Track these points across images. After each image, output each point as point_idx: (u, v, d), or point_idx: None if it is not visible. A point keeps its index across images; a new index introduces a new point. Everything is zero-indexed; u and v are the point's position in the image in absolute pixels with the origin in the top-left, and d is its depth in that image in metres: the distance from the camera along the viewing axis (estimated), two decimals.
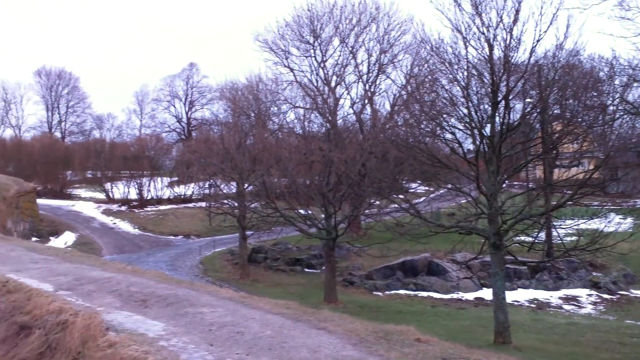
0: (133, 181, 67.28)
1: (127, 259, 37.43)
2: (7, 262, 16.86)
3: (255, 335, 9.09)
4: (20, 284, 12.90)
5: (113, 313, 10.52)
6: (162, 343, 8.70)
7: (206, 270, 38.05)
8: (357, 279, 34.33)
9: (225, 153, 37.00)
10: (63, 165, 74.80)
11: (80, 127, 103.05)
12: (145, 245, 48.38)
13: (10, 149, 76.82)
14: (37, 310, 10.73)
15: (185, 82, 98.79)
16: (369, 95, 49.43)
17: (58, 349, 9.10)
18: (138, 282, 13.41)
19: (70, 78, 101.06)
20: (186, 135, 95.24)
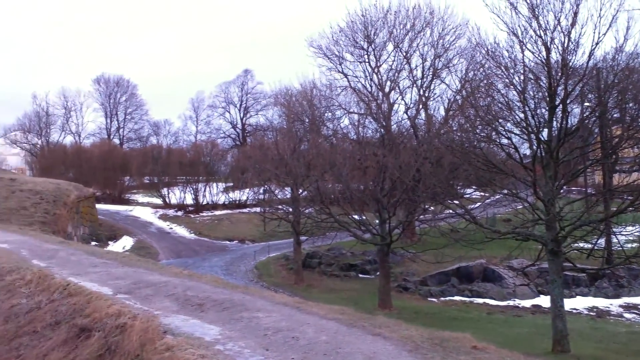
0: (189, 186, 68.21)
1: (183, 263, 37.89)
2: (68, 265, 17.22)
3: (311, 341, 9.10)
4: (80, 287, 13.15)
5: (170, 317, 10.65)
6: (219, 347, 8.77)
7: (261, 275, 38.28)
8: (411, 285, 34.12)
9: (279, 159, 37.21)
10: (121, 171, 76.24)
11: (138, 134, 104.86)
12: (200, 250, 48.93)
13: (70, 156, 78.59)
14: (97, 313, 10.91)
15: (240, 89, 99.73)
16: (424, 100, 49.13)
17: (117, 351, 9.24)
18: (194, 287, 13.55)
19: (129, 85, 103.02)
20: (241, 141, 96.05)
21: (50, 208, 36.74)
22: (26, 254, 19.44)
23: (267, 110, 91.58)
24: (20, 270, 15.70)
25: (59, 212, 36.79)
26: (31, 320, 11.99)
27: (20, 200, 36.56)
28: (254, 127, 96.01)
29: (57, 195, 39.44)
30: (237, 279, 34.21)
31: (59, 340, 10.45)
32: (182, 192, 68.23)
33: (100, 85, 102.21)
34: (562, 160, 20.48)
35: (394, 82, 49.61)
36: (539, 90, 20.31)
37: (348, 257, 40.86)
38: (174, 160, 73.54)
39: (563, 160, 20.66)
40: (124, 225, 56.49)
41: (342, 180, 30.42)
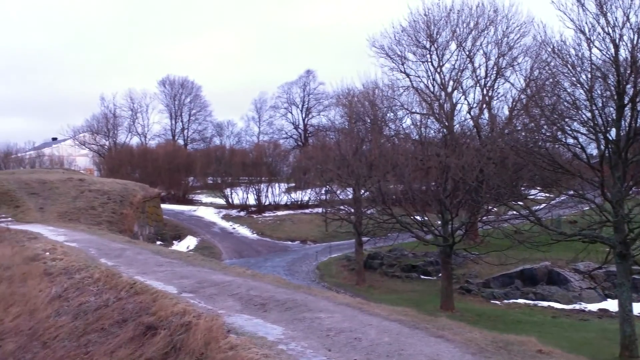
0: (251, 187, 68.80)
1: (245, 263, 38.27)
2: (134, 264, 17.58)
3: (373, 342, 9.09)
4: (146, 286, 13.41)
5: (233, 316, 10.78)
6: (281, 347, 8.84)
7: (322, 276, 38.37)
8: (474, 286, 33.69)
9: (341, 159, 37.25)
10: (185, 172, 77.39)
11: (202, 135, 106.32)
12: (263, 250, 49.31)
13: (136, 156, 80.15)
14: (162, 311, 11.11)
15: (302, 89, 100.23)
16: (487, 100, 48.46)
17: (182, 349, 9.38)
18: (257, 286, 13.67)
19: (193, 87, 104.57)
20: (303, 142, 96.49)
21: (117, 208, 37.55)
22: (94, 253, 19.92)
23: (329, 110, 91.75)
24: (89, 269, 16.10)
25: (125, 211, 37.58)
26: (99, 318, 12.27)
27: (88, 200, 37.47)
28: (315, 127, 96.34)
29: (124, 195, 40.29)
30: (299, 280, 34.38)
31: (125, 338, 10.66)
32: (244, 192, 68.86)
33: (166, 87, 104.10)
34: (631, 160, 19.94)
35: (457, 81, 49.08)
36: (607, 88, 19.83)
37: (410, 258, 40.62)
38: (236, 161, 74.29)
39: (632, 161, 20.10)
40: (188, 225, 57.35)
41: (404, 180, 30.27)
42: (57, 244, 21.22)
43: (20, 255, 19.53)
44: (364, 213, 36.06)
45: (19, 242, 22.61)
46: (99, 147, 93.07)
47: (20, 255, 19.45)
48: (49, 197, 37.71)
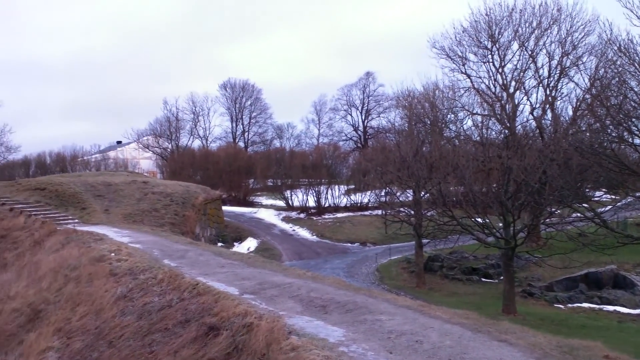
0: (311, 189, 69.02)
1: (305, 265, 38.42)
2: (197, 265, 17.82)
3: (435, 345, 9.02)
4: (208, 287, 13.58)
5: (294, 317, 10.83)
6: (343, 349, 8.85)
7: (382, 278, 38.24)
8: (536, 290, 33.08)
9: (401, 161, 37.08)
10: (246, 174, 78.14)
11: (262, 137, 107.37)
12: (322, 252, 49.41)
13: (198, 159, 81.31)
14: (224, 312, 11.24)
15: (362, 91, 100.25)
16: (550, 100, 47.56)
17: (244, 350, 9.48)
18: (317, 288, 13.71)
19: (253, 90, 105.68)
20: (362, 144, 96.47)
21: (179, 210, 38.12)
22: (158, 254, 20.26)
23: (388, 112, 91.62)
24: (153, 270, 16.39)
25: (187, 213, 38.11)
26: (163, 318, 12.48)
27: (152, 202, 38.14)
28: (375, 129, 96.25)
29: (186, 197, 40.87)
30: (359, 282, 34.34)
31: (189, 338, 10.82)
32: (304, 194, 69.13)
33: (227, 90, 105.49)
34: None
35: (519, 82, 48.30)
36: None
37: (470, 261, 40.18)
38: (296, 163, 74.72)
39: None
40: (248, 227, 57.88)
41: (465, 182, 29.94)
42: (122, 245, 21.66)
43: (87, 256, 20.00)
44: (424, 215, 35.81)
45: (85, 243, 23.14)
46: (162, 150, 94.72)
47: (86, 256, 19.92)
48: (114, 199, 38.52)
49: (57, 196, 38.37)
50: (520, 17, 47.23)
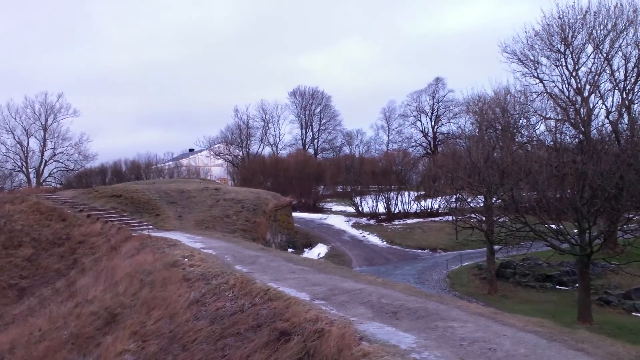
0: (381, 195, 68.88)
1: (375, 271, 38.30)
2: (268, 271, 17.98)
3: (508, 353, 8.87)
4: (279, 293, 13.68)
5: (365, 324, 10.81)
6: (414, 355, 8.79)
7: (453, 285, 37.84)
8: (613, 298, 32.16)
9: (472, 167, 36.64)
10: (315, 180, 78.52)
11: (332, 144, 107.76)
12: (392, 258, 49.20)
13: (268, 166, 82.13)
14: (295, 318, 11.30)
15: (431, 97, 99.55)
16: (627, 104, 46.25)
17: (315, 356, 9.50)
18: (388, 294, 13.65)
19: (323, 97, 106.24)
20: (432, 150, 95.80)
21: (250, 216, 38.55)
22: (230, 260, 20.53)
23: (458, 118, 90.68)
24: (225, 275, 16.61)
25: (258, 220, 38.50)
26: (235, 323, 12.63)
27: (223, 209, 38.69)
28: (445, 135, 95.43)
29: (257, 204, 41.32)
30: (430, 288, 34.07)
31: (260, 343, 10.92)
32: (374, 200, 69.06)
33: (296, 97, 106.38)
34: None
35: (594, 85, 47.08)
36: None
37: (544, 268, 39.34)
38: (366, 170, 74.71)
39: None
40: (318, 233, 58.08)
41: (538, 188, 29.38)
42: (194, 251, 22.04)
43: (161, 261, 20.43)
44: (495, 221, 35.32)
45: (159, 248, 23.65)
46: (233, 157, 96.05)
47: (161, 262, 20.35)
48: (186, 206, 39.25)
49: (132, 203, 39.35)
50: (595, 19, 46.07)
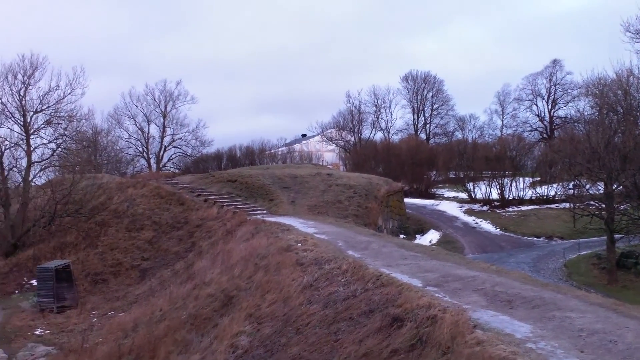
0: (494, 181, 67.54)
1: (488, 258, 37.68)
2: (380, 257, 18.00)
3: (631, 346, 8.53)
4: (391, 278, 13.69)
5: (478, 311, 10.67)
6: (530, 345, 8.61)
7: (570, 274, 36.72)
8: None
9: (591, 152, 35.39)
10: (427, 166, 77.85)
11: (444, 129, 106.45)
12: (506, 246, 48.25)
13: (380, 151, 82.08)
14: (408, 304, 11.28)
15: (548, 80, 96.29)
16: None
17: (428, 342, 9.47)
18: (502, 282, 13.40)
19: (435, 81, 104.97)
20: (548, 135, 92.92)
21: (362, 201, 38.66)
22: (342, 245, 20.69)
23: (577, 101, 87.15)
24: (337, 260, 16.77)
25: (370, 205, 38.56)
26: (348, 307, 12.74)
27: (335, 194, 38.96)
28: (562, 119, 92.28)
29: (369, 189, 41.39)
30: (545, 277, 33.20)
31: (373, 328, 10.98)
32: (487, 186, 67.79)
33: (408, 82, 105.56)
34: None
35: None
36: None
37: None
38: (479, 155, 73.32)
39: None
40: (430, 219, 57.65)
41: None
42: (307, 236, 22.34)
43: (275, 245, 20.84)
44: (616, 209, 33.99)
45: (273, 233, 24.12)
46: (345, 143, 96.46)
47: (275, 246, 20.76)
48: (299, 191, 39.79)
49: (246, 188, 40.30)
50: None
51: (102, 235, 35.02)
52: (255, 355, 12.84)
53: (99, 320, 25.54)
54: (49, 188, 39.69)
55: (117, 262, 32.41)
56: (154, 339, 16.93)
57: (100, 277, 31.52)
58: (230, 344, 13.85)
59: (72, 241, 35.24)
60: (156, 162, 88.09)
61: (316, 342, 11.80)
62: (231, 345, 13.81)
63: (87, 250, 33.79)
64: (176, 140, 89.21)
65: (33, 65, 40.63)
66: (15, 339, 24.37)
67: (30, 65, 40.55)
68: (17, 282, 32.78)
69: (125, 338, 19.18)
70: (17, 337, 24.53)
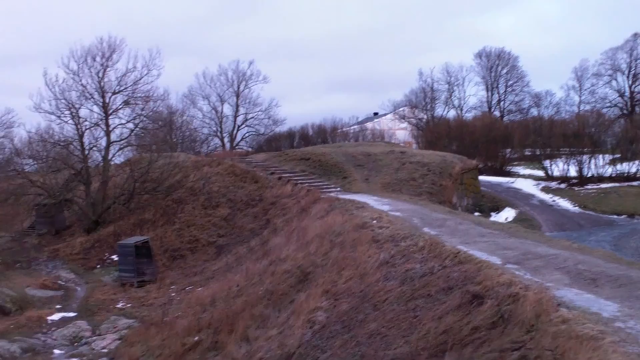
0: (572, 158, 65.92)
1: (567, 236, 36.71)
2: (456, 234, 17.78)
3: None
4: (469, 256, 13.49)
5: (562, 290, 10.41)
6: (619, 324, 8.34)
7: None
8: None
9: None
10: (502, 143, 76.53)
11: (518, 106, 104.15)
12: (585, 224, 47.04)
13: (453, 129, 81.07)
14: (488, 281, 11.10)
15: (629, 54, 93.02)
16: None
17: (510, 320, 9.30)
18: (585, 261, 13.05)
19: (509, 58, 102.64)
20: (629, 110, 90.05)
21: (436, 179, 38.34)
22: (417, 222, 20.52)
23: None
24: (413, 237, 16.63)
25: (444, 183, 38.21)
26: (425, 284, 12.63)
27: (409, 172, 38.74)
28: None
29: (443, 167, 41.00)
30: (628, 256, 32.25)
31: (452, 305, 10.85)
32: (564, 164, 66.17)
33: (482, 59, 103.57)
34: None
35: None
36: None
37: None
38: (556, 132, 71.57)
39: None
40: (505, 197, 56.67)
41: None
42: (382, 213, 22.25)
43: (350, 223, 20.83)
44: None
45: (347, 210, 24.12)
46: (417, 121, 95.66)
47: (350, 223, 20.75)
48: (372, 169, 39.70)
49: (320, 166, 40.44)
50: None
51: (179, 212, 35.76)
52: (332, 330, 12.88)
53: (177, 295, 26.13)
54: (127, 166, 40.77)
55: (194, 239, 33.05)
56: (231, 314, 17.18)
57: (177, 253, 32.22)
58: (307, 319, 13.93)
59: (150, 218, 36.13)
60: (230, 140, 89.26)
61: (394, 319, 11.76)
62: (308, 320, 13.90)
63: (165, 227, 34.57)
64: (249, 119, 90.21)
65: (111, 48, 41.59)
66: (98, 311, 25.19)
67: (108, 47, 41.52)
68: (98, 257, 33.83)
69: (204, 312, 19.54)
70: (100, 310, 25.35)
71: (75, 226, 40.09)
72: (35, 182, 38.88)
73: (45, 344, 21.70)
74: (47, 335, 22.55)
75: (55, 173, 40.55)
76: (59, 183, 40.16)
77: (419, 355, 9.86)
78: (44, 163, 41.15)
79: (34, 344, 21.39)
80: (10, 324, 23.42)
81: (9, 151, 45.31)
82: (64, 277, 30.90)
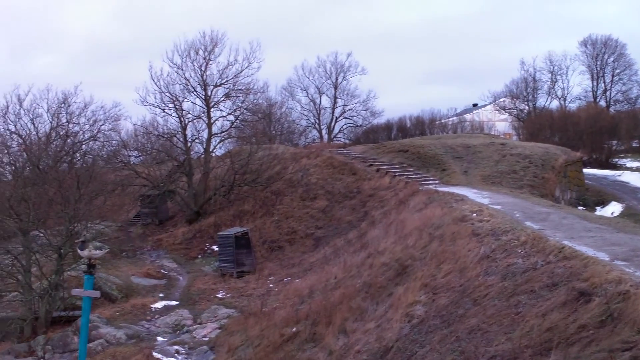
0: None
1: None
2: (560, 229, 17.21)
3: None
4: (575, 251, 13.02)
5: None
6: None
7: None
8: None
9: None
10: (608, 135, 73.82)
11: (626, 95, 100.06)
12: None
13: (556, 120, 78.73)
14: (595, 278, 10.67)
15: None
16: None
17: (620, 319, 8.89)
18: None
19: (617, 45, 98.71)
20: None
21: (538, 172, 37.35)
22: (519, 216, 20.02)
23: None
24: (515, 231, 16.21)
25: (547, 175, 37.20)
26: (528, 280, 12.28)
27: (510, 164, 37.88)
28: None
29: (545, 159, 39.90)
30: None
31: (557, 302, 10.49)
32: None
33: (587, 47, 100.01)
34: None
35: None
36: None
37: None
38: None
39: None
40: (611, 191, 54.59)
41: None
42: (482, 206, 21.81)
43: (449, 215, 20.52)
44: None
45: (447, 203, 23.78)
46: (518, 112, 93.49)
47: (449, 216, 20.45)
48: (472, 161, 39.03)
49: (418, 158, 40.06)
50: None
51: (278, 204, 36.21)
52: (431, 325, 12.71)
53: (275, 286, 26.46)
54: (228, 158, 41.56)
55: (292, 230, 33.40)
56: (329, 306, 17.22)
57: (276, 244, 32.64)
58: (406, 313, 13.80)
59: (250, 209, 36.75)
60: (327, 132, 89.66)
61: (495, 314, 11.48)
62: (406, 314, 13.77)
63: (264, 218, 35.09)
64: (347, 111, 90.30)
65: (213, 41, 42.56)
66: (199, 300, 25.84)
67: (210, 41, 42.48)
68: (199, 247, 34.71)
69: (302, 304, 19.70)
70: (201, 299, 25.99)
71: (177, 217, 41.28)
72: (141, 174, 40.21)
73: (149, 331, 22.45)
74: (151, 322, 23.33)
75: (159, 165, 41.83)
76: (162, 174, 41.40)
77: (522, 352, 9.57)
78: (148, 155, 42.46)
79: (139, 331, 22.16)
80: (116, 310, 24.34)
81: (116, 144, 47.10)
82: (166, 266, 31.90)
